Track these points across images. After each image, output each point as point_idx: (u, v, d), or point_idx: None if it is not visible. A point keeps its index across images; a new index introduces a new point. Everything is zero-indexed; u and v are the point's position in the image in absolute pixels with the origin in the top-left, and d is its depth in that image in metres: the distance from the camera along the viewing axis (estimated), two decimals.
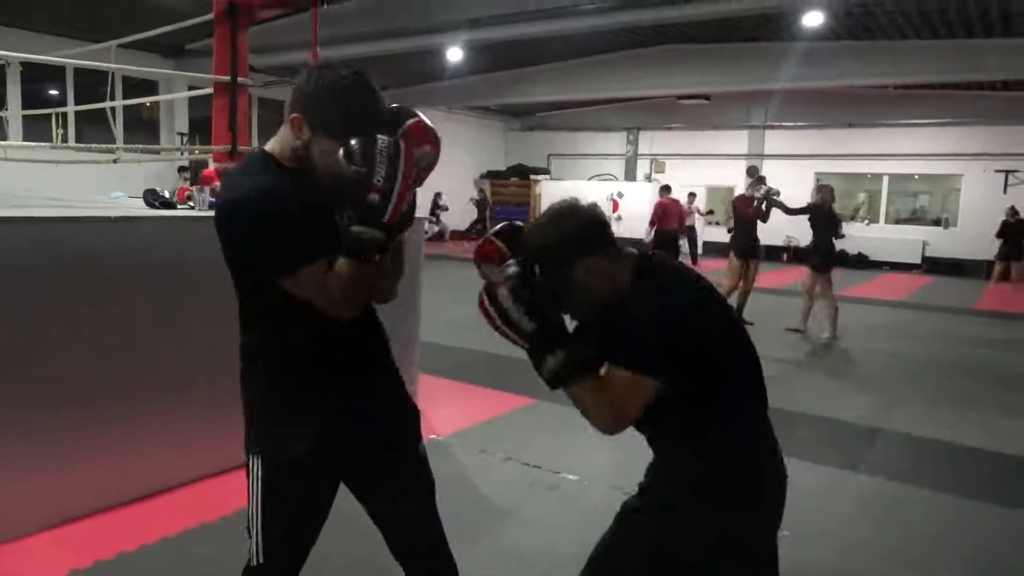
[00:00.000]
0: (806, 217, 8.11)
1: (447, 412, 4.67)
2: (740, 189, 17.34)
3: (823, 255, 7.93)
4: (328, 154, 1.52)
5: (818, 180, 17.28)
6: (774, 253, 17.20)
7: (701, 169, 18.41)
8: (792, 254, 16.76)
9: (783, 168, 16.87)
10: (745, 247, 8.29)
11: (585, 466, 3.84)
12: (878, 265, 16.30)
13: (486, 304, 1.60)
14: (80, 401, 2.96)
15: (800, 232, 16.77)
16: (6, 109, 8.69)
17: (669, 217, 12.16)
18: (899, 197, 17.55)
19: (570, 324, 1.66)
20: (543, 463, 3.86)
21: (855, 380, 6.14)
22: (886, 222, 17.27)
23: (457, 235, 18.94)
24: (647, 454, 1.82)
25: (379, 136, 1.48)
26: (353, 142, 1.47)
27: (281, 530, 1.68)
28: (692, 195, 15.99)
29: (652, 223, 12.21)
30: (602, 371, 1.61)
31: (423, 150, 1.59)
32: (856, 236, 16.79)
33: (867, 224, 17.27)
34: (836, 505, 3.54)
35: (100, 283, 2.99)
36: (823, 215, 7.94)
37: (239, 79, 3.90)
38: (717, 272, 14.00)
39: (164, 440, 3.25)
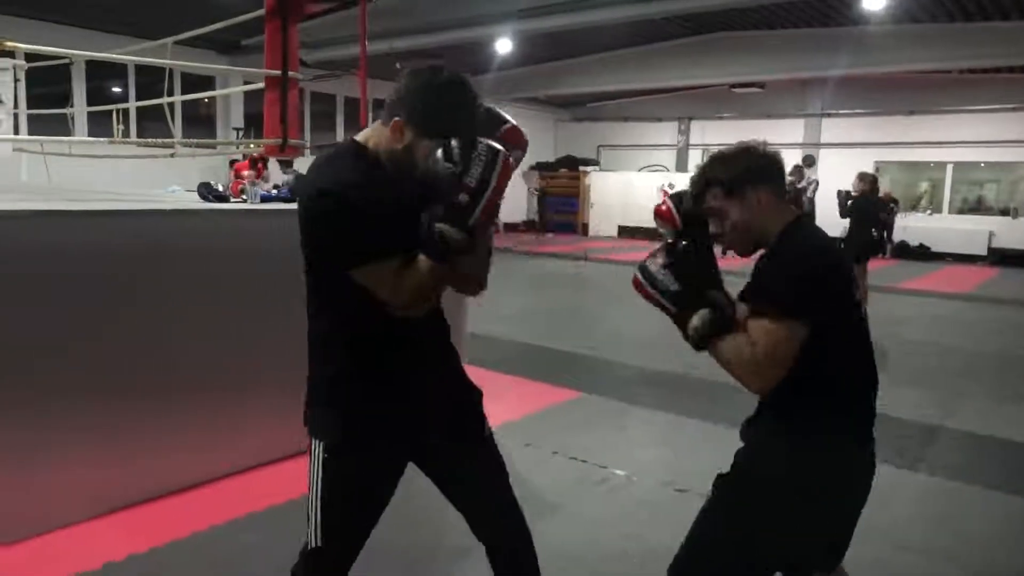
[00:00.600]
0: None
1: (494, 405, 4.58)
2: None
3: (862, 246, 7.74)
4: (444, 155, 1.53)
5: (877, 169, 16.82)
6: None
7: None
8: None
9: (841, 157, 16.38)
10: None
11: (633, 461, 3.80)
12: (941, 257, 15.71)
13: (639, 278, 1.70)
14: (125, 393, 3.04)
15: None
16: (71, 106, 9.02)
17: None
18: (964, 186, 16.87)
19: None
20: (590, 457, 3.83)
21: (914, 375, 5.93)
22: (950, 212, 16.62)
23: (510, 227, 18.93)
24: (696, 451, 1.80)
25: (479, 139, 1.52)
26: (453, 142, 1.51)
27: (340, 514, 1.70)
28: None
29: None
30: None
31: (516, 154, 1.63)
32: (918, 227, 16.24)
33: (929, 214, 16.67)
34: (893, 505, 3.42)
35: (151, 275, 3.08)
36: (864, 205, 7.75)
37: (289, 73, 3.95)
38: None
39: (212, 431, 3.32)
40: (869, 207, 7.79)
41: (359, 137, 1.69)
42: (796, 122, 17.62)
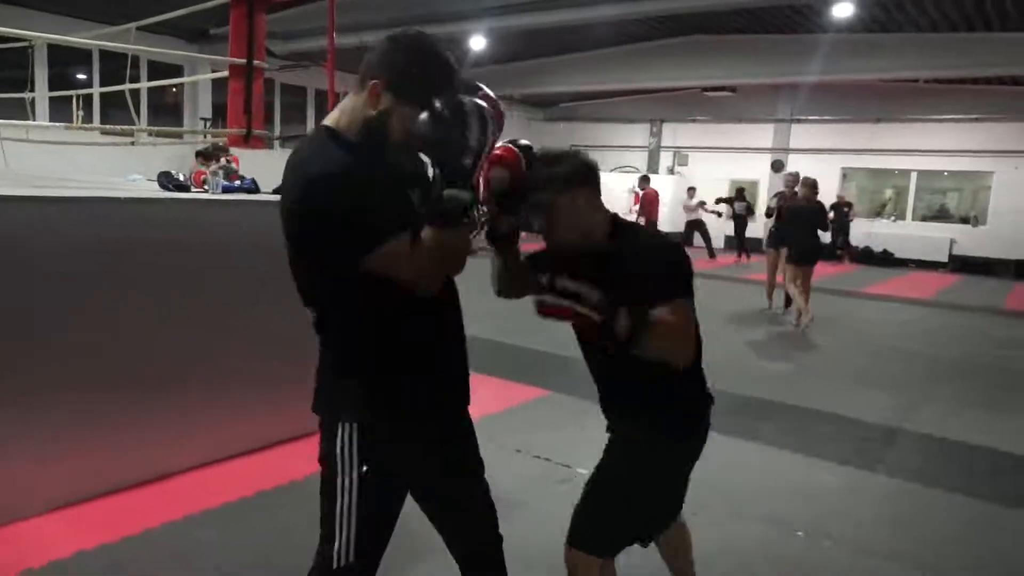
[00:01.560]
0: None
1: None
2: (765, 183, 17.16)
3: (803, 250, 8.00)
4: (411, 119, 1.49)
5: (844, 175, 17.09)
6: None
7: (725, 162, 18.19)
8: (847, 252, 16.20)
9: (809, 163, 16.57)
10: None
11: (597, 460, 3.78)
12: (904, 263, 16.00)
13: (548, 302, 1.74)
14: (74, 387, 2.96)
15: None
16: (32, 91, 8.77)
17: (653, 208, 13.14)
18: (927, 194, 17.21)
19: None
20: (554, 456, 3.81)
21: (876, 379, 6.02)
22: (913, 219, 16.94)
23: None
24: None
25: (466, 98, 1.48)
26: (440, 104, 1.45)
27: (374, 526, 1.64)
28: (691, 189, 16.10)
29: (639, 213, 13.29)
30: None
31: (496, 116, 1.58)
32: (882, 233, 16.52)
33: (894, 221, 16.97)
34: (853, 506, 3.46)
35: (103, 264, 2.98)
36: (802, 210, 8.09)
37: (255, 62, 3.87)
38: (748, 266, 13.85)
39: (167, 426, 3.24)
40: (807, 212, 8.05)
41: (328, 122, 1.60)
42: (766, 127, 17.83)
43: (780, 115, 17.58)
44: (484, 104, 1.51)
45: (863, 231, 16.41)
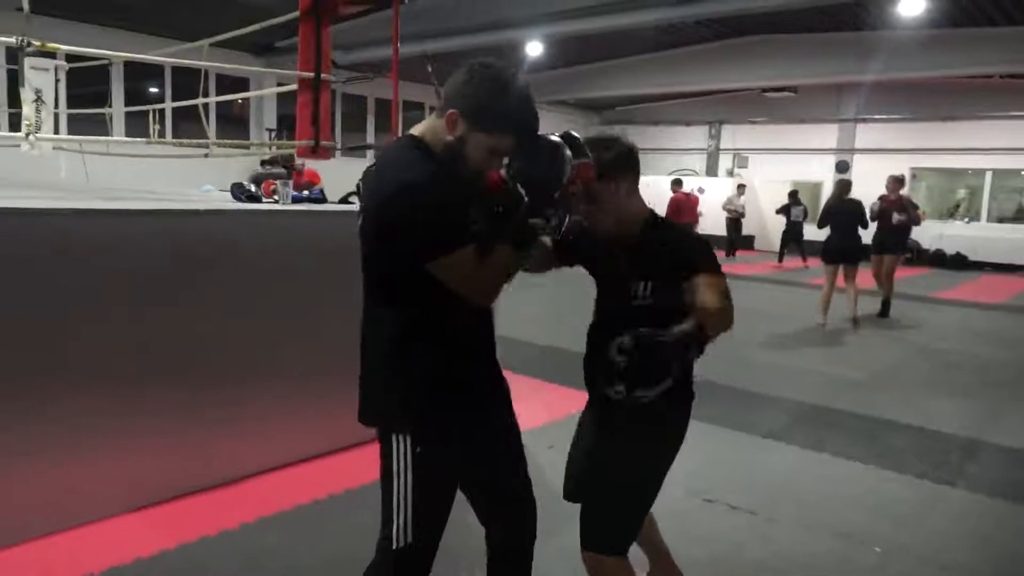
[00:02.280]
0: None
1: (517, 408, 4.64)
2: (828, 185, 16.70)
3: (833, 250, 8.03)
4: (484, 149, 1.63)
5: (914, 176, 16.51)
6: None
7: (786, 164, 17.81)
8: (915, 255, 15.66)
9: (875, 163, 16.12)
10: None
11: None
12: (979, 266, 15.37)
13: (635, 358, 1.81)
14: (154, 391, 3.08)
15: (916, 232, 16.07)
16: (110, 106, 9.17)
17: (682, 212, 12.88)
18: (1003, 193, 16.49)
19: None
20: None
21: (950, 387, 5.78)
22: (988, 220, 16.26)
23: None
24: (726, 462, 1.77)
25: (552, 138, 1.65)
26: (529, 142, 1.64)
27: (430, 506, 1.75)
28: (741, 187, 15.82)
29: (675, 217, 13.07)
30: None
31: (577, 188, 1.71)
32: (955, 235, 15.91)
33: (967, 223, 16.32)
34: (930, 522, 3.33)
35: (185, 273, 3.10)
36: (834, 209, 8.11)
37: (322, 75, 3.97)
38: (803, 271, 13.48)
39: (242, 429, 3.35)
40: (839, 212, 8.06)
41: (415, 132, 1.73)
42: (829, 127, 17.39)
43: (844, 114, 17.12)
44: (563, 143, 1.64)
45: (935, 233, 15.79)
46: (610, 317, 2.04)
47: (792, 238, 14.76)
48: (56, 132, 5.43)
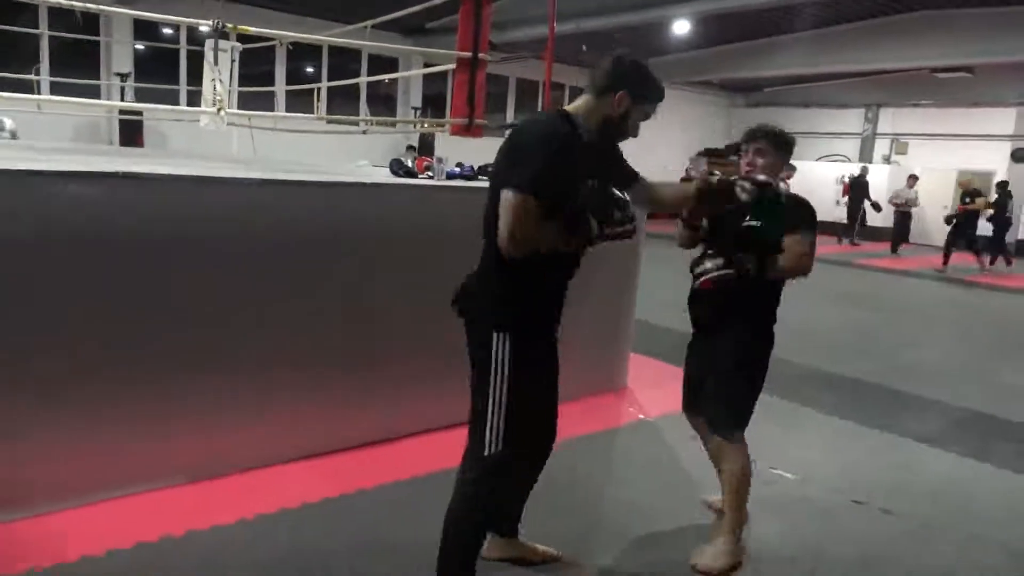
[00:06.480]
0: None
1: (657, 394, 4.61)
2: (1000, 175, 15.23)
3: None
4: (641, 117, 2.14)
5: None
6: None
7: (951, 151, 16.37)
8: None
9: None
10: None
11: (805, 465, 3.62)
12: None
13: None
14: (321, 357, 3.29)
15: None
16: (275, 85, 9.82)
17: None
18: None
19: None
20: (760, 457, 3.66)
21: None
22: None
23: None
24: (873, 462, 1.67)
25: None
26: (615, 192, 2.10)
27: (522, 407, 2.07)
28: (913, 177, 14.34)
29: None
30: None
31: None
32: None
33: None
34: None
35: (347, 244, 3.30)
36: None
37: (479, 55, 4.06)
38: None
39: (345, 404, 3.45)
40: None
41: (566, 107, 2.12)
42: (1006, 111, 15.81)
43: None
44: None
45: None
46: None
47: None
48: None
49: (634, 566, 2.67)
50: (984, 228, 13.00)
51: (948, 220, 12.72)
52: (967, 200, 12.58)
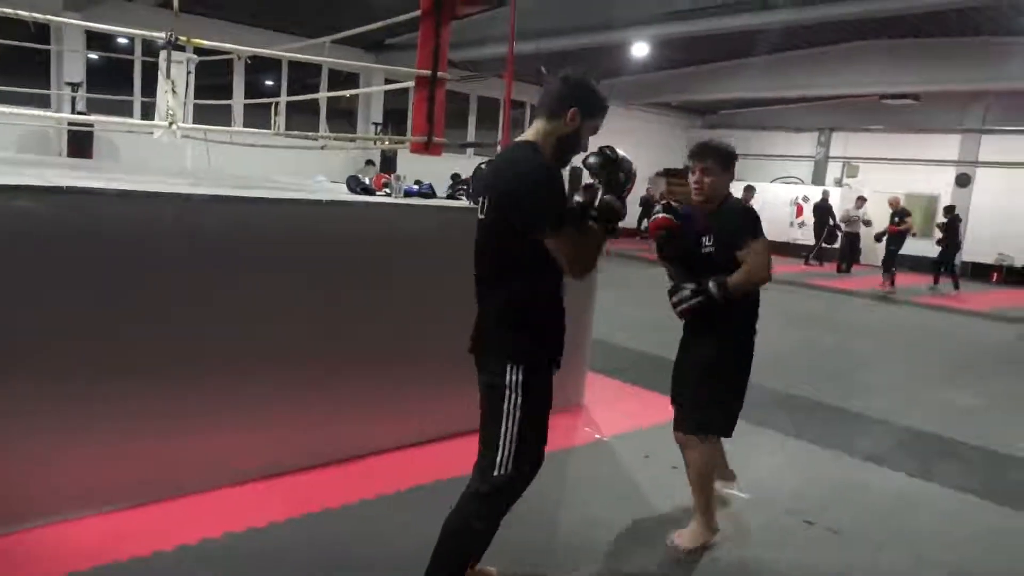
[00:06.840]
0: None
1: (612, 413, 4.63)
2: (946, 198, 15.76)
3: None
4: (590, 131, 2.24)
5: None
6: (982, 272, 15.51)
7: (900, 175, 16.89)
8: (1004, 273, 14.94)
9: (1000, 178, 15.16)
10: None
11: (758, 486, 3.65)
12: None
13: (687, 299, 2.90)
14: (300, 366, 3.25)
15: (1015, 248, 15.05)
16: (232, 98, 9.69)
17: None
18: None
19: None
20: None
21: None
22: None
23: (628, 232, 18.59)
24: (827, 483, 1.67)
25: (620, 152, 2.29)
26: (607, 150, 2.27)
27: (532, 431, 2.18)
28: (861, 199, 14.79)
29: None
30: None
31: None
32: None
33: None
34: None
35: (306, 259, 3.26)
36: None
37: (438, 73, 4.06)
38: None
39: (356, 411, 3.47)
40: None
41: (528, 137, 2.22)
42: (951, 138, 16.39)
43: (969, 124, 16.10)
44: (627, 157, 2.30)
45: None
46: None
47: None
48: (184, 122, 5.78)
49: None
50: (917, 248, 13.58)
51: (878, 238, 13.09)
52: (896, 220, 12.66)
